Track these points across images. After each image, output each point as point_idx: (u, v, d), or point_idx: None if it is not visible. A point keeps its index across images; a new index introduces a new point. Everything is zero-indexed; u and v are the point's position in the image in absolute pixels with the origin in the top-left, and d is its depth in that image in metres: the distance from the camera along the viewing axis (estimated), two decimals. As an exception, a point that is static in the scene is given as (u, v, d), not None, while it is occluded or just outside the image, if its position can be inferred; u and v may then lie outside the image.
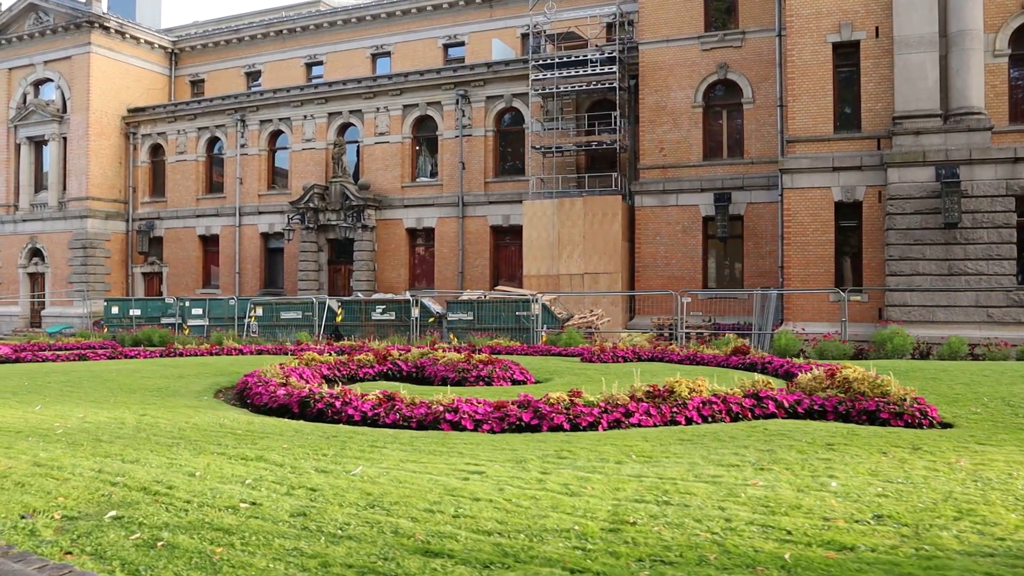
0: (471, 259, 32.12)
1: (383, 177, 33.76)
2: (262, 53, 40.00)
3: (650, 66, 28.69)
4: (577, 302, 27.97)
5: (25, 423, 7.64)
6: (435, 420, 7.24)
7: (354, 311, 28.43)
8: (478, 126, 32.26)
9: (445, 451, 5.85)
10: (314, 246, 34.14)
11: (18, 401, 9.81)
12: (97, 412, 8.38)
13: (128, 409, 8.66)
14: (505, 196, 31.73)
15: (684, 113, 28.33)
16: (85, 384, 11.73)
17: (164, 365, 15.49)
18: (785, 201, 24.33)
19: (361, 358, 12.43)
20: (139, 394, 10.33)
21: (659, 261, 28.44)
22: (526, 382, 11.57)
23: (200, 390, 10.87)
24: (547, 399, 7.29)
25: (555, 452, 5.73)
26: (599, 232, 28.36)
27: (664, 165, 28.53)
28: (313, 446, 6.07)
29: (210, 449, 5.97)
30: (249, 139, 36.85)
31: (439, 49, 36.17)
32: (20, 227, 40.13)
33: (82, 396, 10.23)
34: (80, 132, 38.24)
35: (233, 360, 16.69)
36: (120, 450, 5.96)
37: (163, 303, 32.63)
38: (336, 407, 7.82)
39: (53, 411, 8.64)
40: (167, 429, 7.03)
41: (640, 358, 16.05)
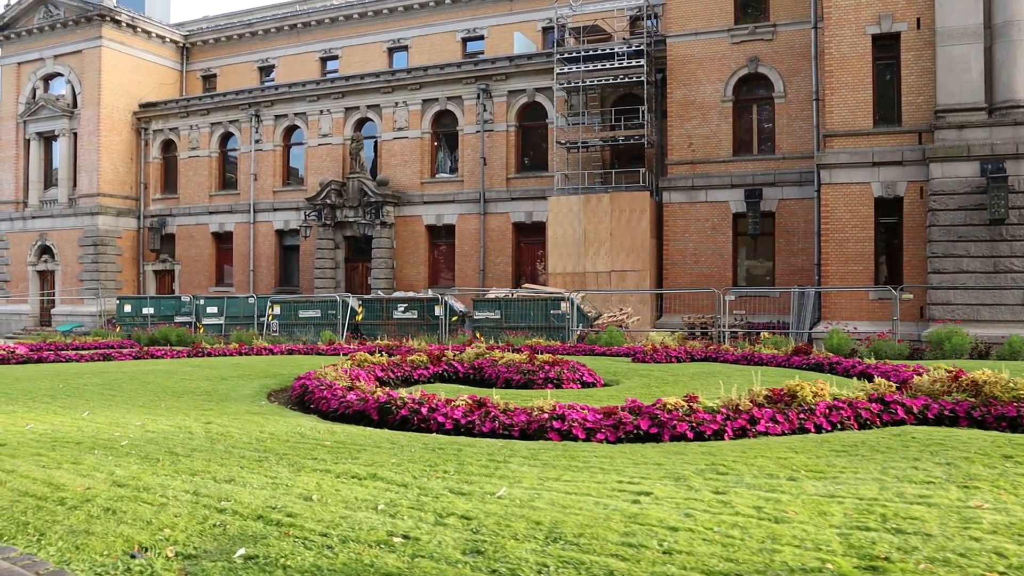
0: (492, 257, 31.45)
1: (402, 173, 33.10)
2: (276, 47, 39.31)
3: (678, 60, 28.04)
4: (604, 300, 27.31)
5: (80, 432, 6.99)
6: (540, 429, 6.59)
7: (375, 309, 27.79)
8: (500, 121, 31.60)
9: (581, 466, 5.19)
10: (331, 243, 33.46)
11: (60, 406, 9.16)
12: (155, 420, 7.72)
13: (186, 416, 8.00)
14: (528, 192, 31.08)
15: (713, 107, 27.68)
16: (124, 387, 11.07)
17: (197, 366, 14.83)
18: (823, 197, 23.69)
19: (414, 359, 11.77)
20: (187, 398, 9.68)
21: (688, 258, 27.80)
22: (595, 384, 10.92)
23: (250, 393, 10.21)
24: (662, 405, 6.65)
25: (708, 467, 5.08)
26: (626, 229, 27.71)
27: (693, 161, 27.88)
28: (425, 461, 5.41)
29: (308, 465, 5.31)
30: (264, 134, 36.17)
31: (458, 43, 35.50)
32: (29, 224, 39.44)
33: (127, 400, 9.58)
34: (91, 127, 37.55)
35: (268, 360, 16.02)
36: (204, 466, 5.31)
37: (177, 301, 31.98)
38: (422, 414, 7.16)
39: (104, 418, 7.98)
40: (244, 440, 6.37)
41: (693, 358, 15.42)
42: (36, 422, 7.81)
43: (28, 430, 7.24)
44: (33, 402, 9.68)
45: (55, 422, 7.78)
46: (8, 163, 40.27)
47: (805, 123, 26.65)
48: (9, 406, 9.37)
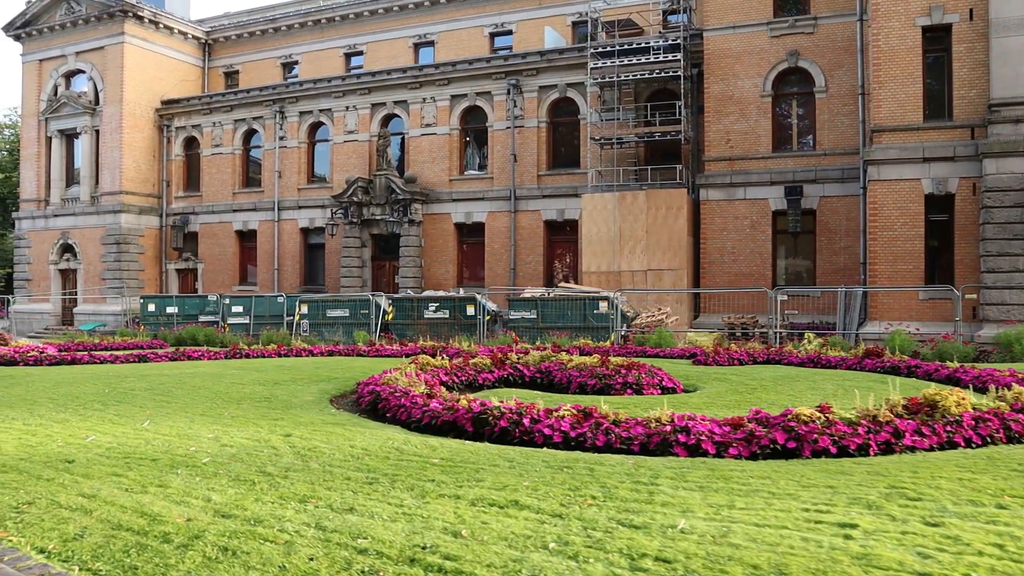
0: (523, 255, 30.86)
1: (430, 170, 32.52)
2: (299, 43, 38.80)
3: (715, 54, 27.37)
4: (640, 300, 26.66)
5: (150, 446, 6.43)
6: (664, 443, 5.99)
7: (406, 309, 27.22)
8: (530, 117, 30.99)
9: (743, 489, 4.60)
10: (357, 241, 32.92)
11: (115, 415, 8.62)
12: (226, 431, 7.16)
13: (257, 426, 7.43)
14: (560, 190, 30.46)
15: (752, 103, 27.00)
16: (175, 392, 10.53)
17: (241, 368, 14.28)
18: (870, 194, 22.99)
19: (477, 362, 11.19)
20: (248, 405, 9.12)
21: (726, 257, 27.14)
22: (675, 390, 10.31)
23: (313, 399, 9.64)
24: (795, 415, 6.04)
25: (888, 491, 4.48)
26: (663, 227, 27.07)
27: (731, 157, 27.22)
28: (560, 483, 4.82)
29: (430, 489, 4.72)
30: (288, 131, 35.66)
31: (485, 38, 34.90)
32: (51, 222, 39.05)
33: (185, 408, 9.03)
34: (113, 124, 37.12)
35: (313, 363, 15.45)
36: (310, 490, 4.73)
37: (201, 300, 31.49)
38: (524, 425, 6.56)
39: (168, 428, 7.43)
40: (338, 457, 5.78)
41: (756, 360, 14.78)
42: (95, 433, 7.27)
43: (91, 443, 6.70)
44: (85, 409, 9.15)
45: (116, 433, 7.24)
46: (30, 161, 39.91)
47: (848, 118, 25.96)
48: (61, 414, 8.84)
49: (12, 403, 9.96)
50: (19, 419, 8.48)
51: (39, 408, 9.37)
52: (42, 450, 6.41)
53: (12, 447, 6.66)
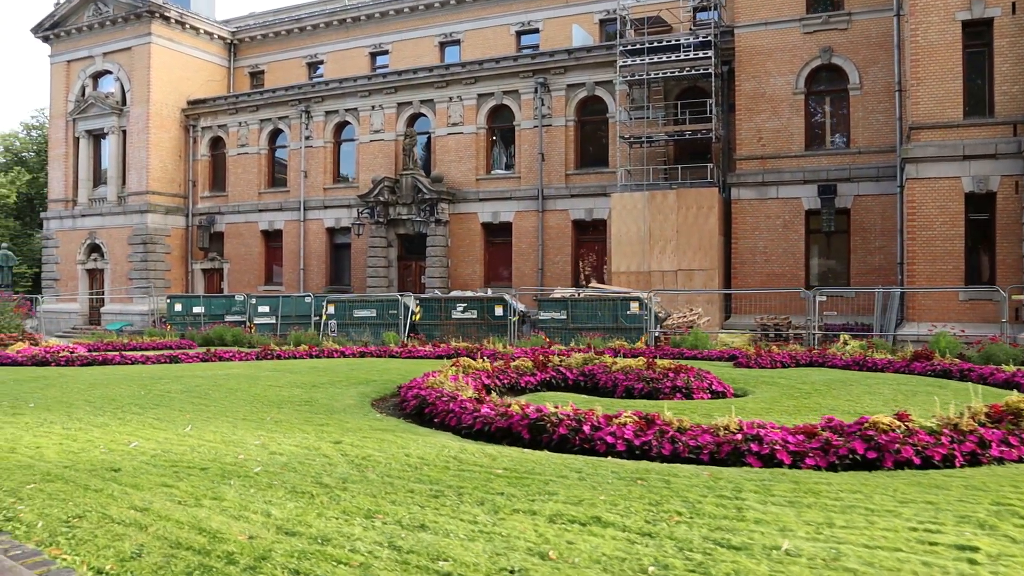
0: (551, 255, 30.57)
1: (456, 169, 32.31)
2: (324, 43, 38.73)
3: (747, 51, 26.97)
4: (670, 300, 26.30)
5: (196, 453, 6.22)
6: (736, 452, 5.70)
7: (433, 309, 27.00)
8: (558, 115, 30.70)
9: (836, 504, 4.30)
10: (383, 241, 32.76)
11: (155, 418, 8.43)
12: (272, 437, 6.94)
13: (304, 432, 7.21)
14: (588, 189, 30.15)
15: (784, 100, 26.58)
16: (212, 395, 10.35)
17: (274, 370, 14.10)
18: (907, 193, 22.51)
19: (519, 364, 10.92)
20: (289, 409, 8.90)
21: (757, 257, 26.74)
22: (726, 394, 9.99)
23: (354, 403, 9.42)
24: (872, 424, 5.73)
25: (996, 507, 4.18)
26: (693, 226, 26.71)
27: (763, 155, 26.80)
28: (638, 497, 4.55)
29: (501, 503, 4.46)
30: (314, 131, 35.58)
31: (512, 36, 34.65)
32: (79, 222, 39.21)
33: (224, 412, 8.83)
34: (140, 125, 37.20)
35: (347, 364, 15.24)
36: (374, 504, 4.48)
37: (228, 300, 31.42)
38: (584, 433, 6.29)
39: (212, 434, 7.21)
40: (395, 467, 5.53)
41: (798, 363, 14.43)
42: (137, 438, 7.08)
43: (135, 449, 6.50)
44: (123, 413, 8.98)
45: (159, 439, 7.04)
46: (58, 161, 40.11)
47: (883, 116, 25.48)
48: (99, 417, 8.67)
49: (49, 406, 9.82)
50: (58, 423, 8.32)
51: (77, 411, 9.22)
52: (85, 457, 6.22)
53: (54, 453, 6.48)
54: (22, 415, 9.02)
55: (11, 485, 5.25)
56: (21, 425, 8.24)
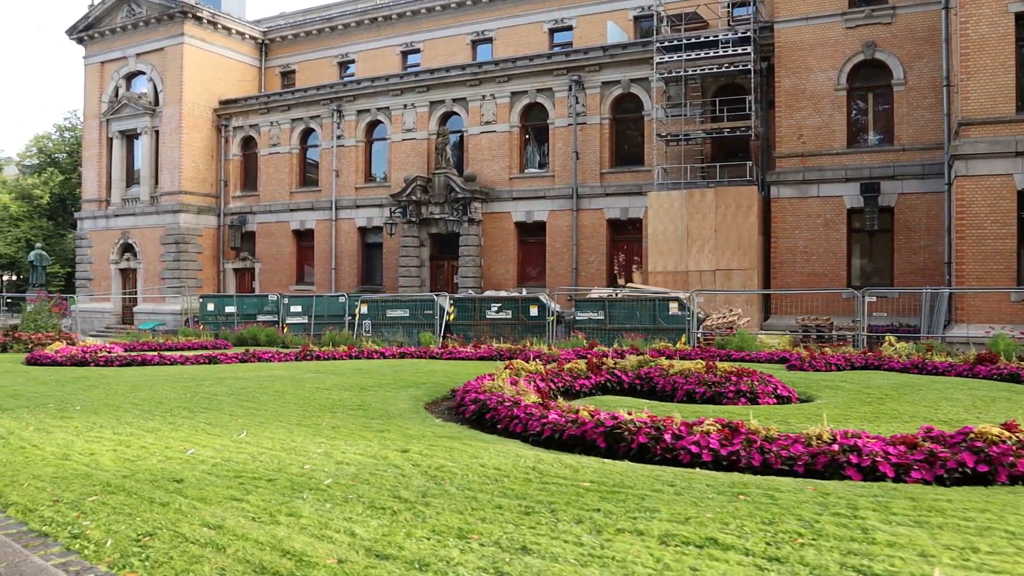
0: (585, 255, 30.20)
1: (489, 168, 32.03)
2: (355, 42, 38.62)
3: (787, 46, 26.45)
4: (708, 300, 25.85)
5: (258, 462, 5.95)
6: (833, 464, 5.34)
7: (467, 309, 26.73)
8: (593, 113, 30.32)
9: (966, 525, 3.94)
10: (415, 241, 32.56)
11: (206, 423, 8.19)
12: (333, 444, 6.67)
13: (366, 439, 6.91)
14: (623, 188, 29.75)
15: (825, 97, 26.03)
16: (260, 398, 10.12)
17: (318, 371, 13.87)
18: (956, 190, 21.89)
19: (572, 367, 10.60)
20: (343, 414, 8.64)
21: (797, 257, 26.22)
22: (791, 399, 9.60)
23: (408, 407, 9.14)
24: (979, 434, 5.35)
25: None
26: (732, 225, 26.25)
27: (803, 153, 26.28)
28: (747, 515, 4.20)
29: (601, 522, 4.12)
30: (345, 130, 35.45)
31: (545, 34, 34.33)
32: (112, 222, 39.37)
33: (277, 416, 8.57)
34: (173, 125, 37.28)
35: (391, 365, 14.97)
36: (462, 521, 4.17)
37: (260, 300, 31.33)
38: (666, 442, 5.95)
39: (271, 441, 6.95)
40: (473, 480, 5.21)
41: (853, 365, 13.98)
42: (192, 445, 6.83)
43: (192, 457, 6.25)
44: (172, 416, 8.76)
45: (215, 446, 6.78)
46: (92, 162, 40.32)
47: (928, 112, 24.88)
48: (149, 421, 8.45)
49: (96, 408, 9.64)
50: (108, 427, 8.12)
51: (125, 415, 9.01)
52: (143, 466, 5.98)
53: (109, 461, 6.24)
54: (70, 419, 8.83)
55: (71, 496, 5.01)
56: (71, 429, 8.05)
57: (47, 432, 7.94)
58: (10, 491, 5.24)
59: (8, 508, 4.84)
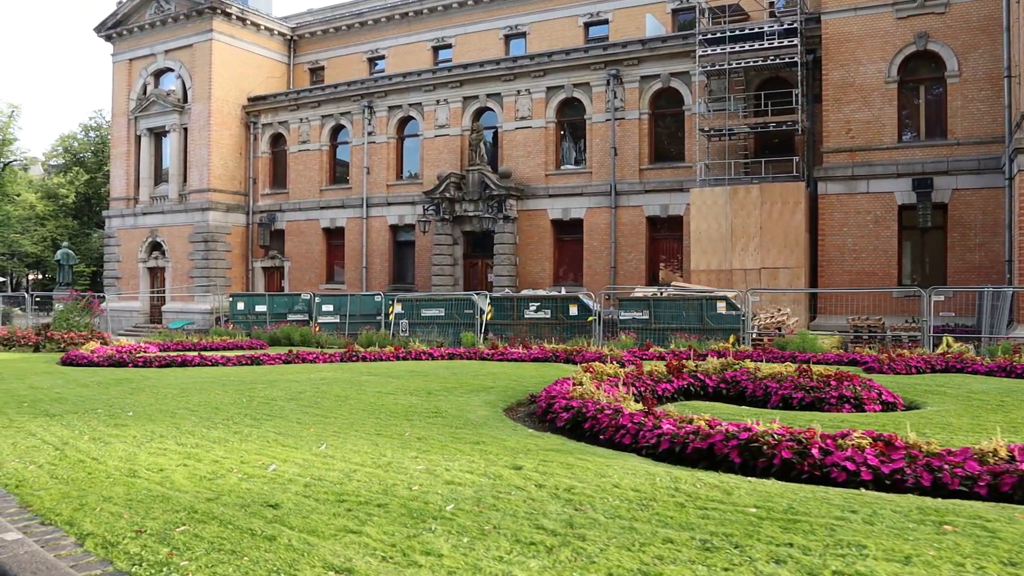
0: (624, 253, 29.49)
1: (524, 165, 31.38)
2: (385, 37, 38.08)
3: (835, 38, 25.64)
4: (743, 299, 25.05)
5: (356, 482, 5.26)
6: (1022, 484, 4.65)
7: (505, 308, 26.07)
8: (631, 108, 29.60)
9: None
10: (449, 239, 31.95)
11: (277, 433, 7.56)
12: (430, 458, 6.04)
13: (464, 452, 6.26)
14: (663, 184, 29.01)
15: (875, 90, 25.20)
16: (324, 404, 9.52)
17: (372, 374, 13.27)
18: (1019, 185, 21.03)
19: (652, 370, 9.94)
20: (422, 422, 8.01)
21: (846, 255, 25.41)
22: (896, 405, 8.89)
23: (488, 414, 8.49)
24: None
25: None
26: (778, 223, 25.49)
27: (852, 148, 25.46)
28: (975, 554, 3.53)
29: (809, 564, 3.46)
30: (377, 126, 34.90)
31: (579, 28, 33.65)
32: (140, 220, 39.05)
33: (351, 425, 7.94)
34: (201, 122, 36.87)
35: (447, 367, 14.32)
36: (636, 561, 3.50)
37: (290, 298, 30.81)
38: (813, 457, 5.28)
39: (357, 455, 6.28)
40: (613, 504, 4.53)
41: (934, 368, 13.23)
42: (270, 459, 6.20)
43: (276, 475, 5.61)
44: (234, 424, 8.15)
45: (297, 461, 6.14)
46: (120, 160, 40.02)
47: (985, 104, 24.00)
48: (212, 430, 7.83)
49: (150, 415, 9.07)
50: (168, 436, 7.52)
51: (183, 422, 8.42)
52: (224, 485, 5.36)
53: (183, 478, 5.62)
54: (125, 426, 8.26)
55: (155, 526, 4.40)
56: (129, 439, 7.46)
57: (104, 442, 7.36)
58: (82, 518, 4.65)
59: (85, 540, 4.24)
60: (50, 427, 8.43)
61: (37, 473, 6.09)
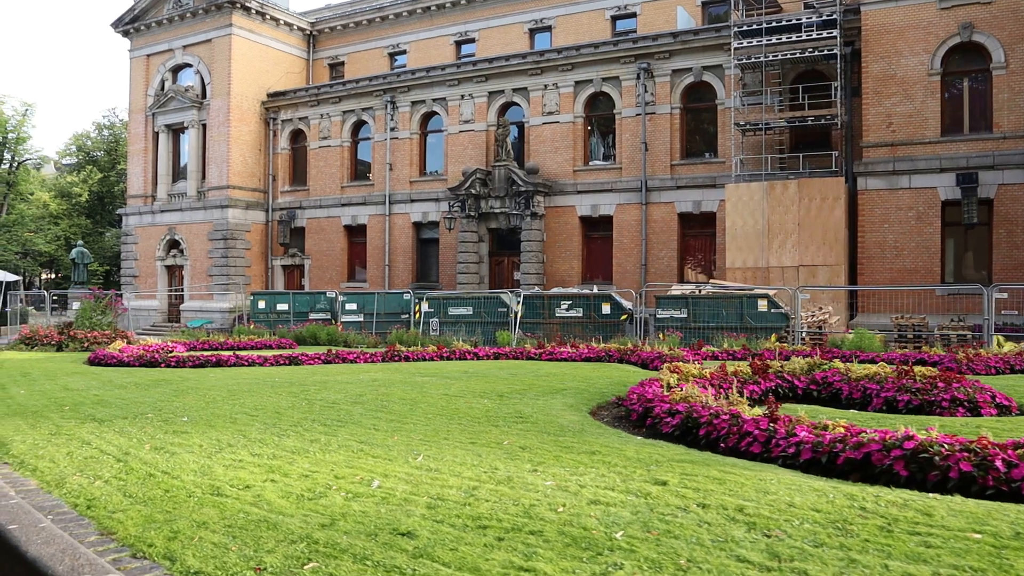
0: (655, 250, 28.84)
1: (552, 160, 30.76)
2: (407, 32, 37.50)
3: (875, 29, 24.95)
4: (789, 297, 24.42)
5: (489, 505, 4.60)
6: None
7: (535, 307, 25.48)
8: (662, 103, 28.95)
9: None
10: (474, 236, 31.35)
11: (360, 441, 6.94)
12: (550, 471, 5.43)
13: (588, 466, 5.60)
14: (695, 180, 28.37)
15: (918, 82, 24.51)
16: (394, 408, 8.92)
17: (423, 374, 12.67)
18: (1073, 180, 20.38)
19: (737, 370, 9.34)
20: (511, 428, 7.41)
21: (887, 252, 24.72)
22: (1011, 409, 8.26)
23: (576, 419, 7.87)
24: None
25: None
26: (817, 219, 24.85)
27: (893, 142, 24.77)
28: None
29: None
30: (399, 122, 34.31)
31: (607, 21, 33.02)
32: (158, 218, 38.54)
33: (435, 432, 7.33)
34: (220, 118, 36.33)
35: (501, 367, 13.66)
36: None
37: (312, 297, 30.31)
38: (998, 471, 4.65)
39: (466, 468, 5.64)
40: (807, 529, 3.92)
41: (1013, 368, 12.60)
42: (366, 472, 5.57)
43: (386, 494, 4.95)
44: (307, 432, 7.49)
45: (399, 475, 5.48)
46: (137, 157, 39.52)
47: (1033, 96, 23.31)
48: (283, 438, 7.21)
49: (209, 420, 8.47)
50: (238, 446, 6.90)
51: (247, 429, 7.81)
52: (332, 507, 4.72)
53: (279, 498, 4.98)
54: (185, 433, 7.64)
55: (276, 562, 3.77)
56: (195, 449, 6.85)
57: (169, 452, 6.75)
58: (181, 550, 4.02)
59: (195, 580, 3.64)
60: (103, 434, 7.85)
61: (106, 490, 5.48)
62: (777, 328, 21.25)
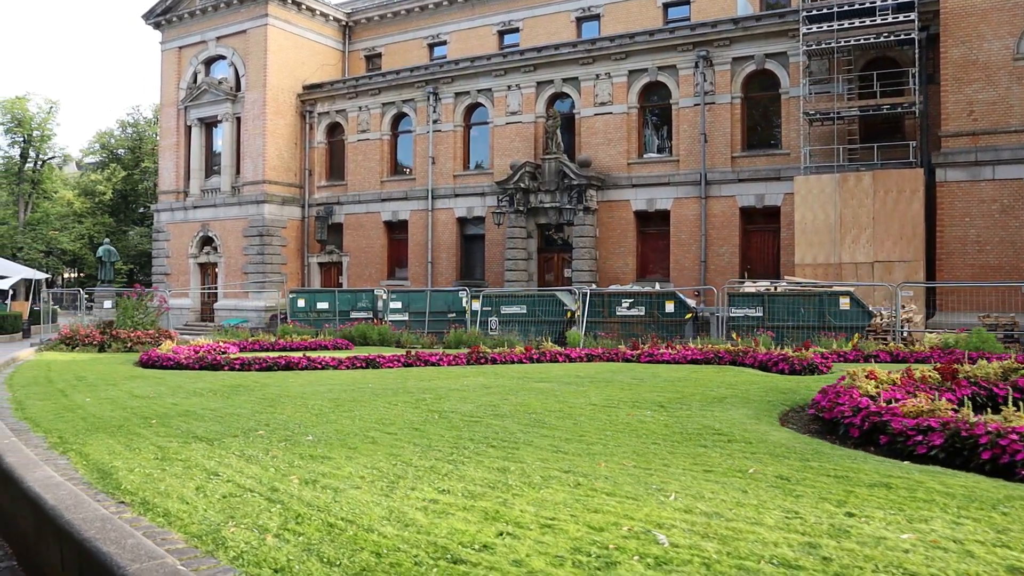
0: (715, 246, 27.65)
1: (604, 153, 29.59)
2: (447, 22, 36.39)
3: (955, 12, 23.68)
4: (866, 295, 23.20)
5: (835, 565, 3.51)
6: None
7: (594, 305, 24.32)
8: (722, 92, 27.75)
9: None
10: (523, 232, 30.22)
11: (562, 471, 5.60)
12: (876, 516, 4.28)
13: (901, 506, 4.51)
14: (758, 173, 27.16)
15: (1002, 68, 23.22)
16: (551, 422, 7.73)
17: (529, 378, 11.51)
18: None
19: (923, 375, 8.20)
20: (720, 449, 6.28)
21: (968, 247, 23.46)
22: None
23: (787, 437, 6.69)
24: None
25: None
26: (893, 212, 23.65)
27: (974, 132, 23.50)
28: None
29: None
30: (442, 114, 33.20)
31: (658, 9, 31.84)
32: (191, 214, 37.57)
33: (636, 454, 6.15)
34: (256, 111, 35.30)
35: (615, 370, 12.40)
36: None
37: (353, 295, 29.17)
38: None
39: (749, 508, 4.41)
40: None
41: None
42: (625, 520, 4.23)
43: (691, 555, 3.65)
44: (479, 455, 6.11)
45: (672, 523, 4.08)
46: (169, 151, 38.56)
47: None
48: (455, 465, 5.95)
49: (342, 439, 7.29)
50: (411, 477, 5.50)
51: (399, 452, 6.49)
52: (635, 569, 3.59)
53: (544, 564, 3.65)
54: (326, 459, 6.28)
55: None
56: (360, 483, 5.36)
57: (327, 488, 5.33)
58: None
59: None
60: (222, 458, 6.45)
61: (292, 553, 3.98)
62: (860, 327, 20.06)
